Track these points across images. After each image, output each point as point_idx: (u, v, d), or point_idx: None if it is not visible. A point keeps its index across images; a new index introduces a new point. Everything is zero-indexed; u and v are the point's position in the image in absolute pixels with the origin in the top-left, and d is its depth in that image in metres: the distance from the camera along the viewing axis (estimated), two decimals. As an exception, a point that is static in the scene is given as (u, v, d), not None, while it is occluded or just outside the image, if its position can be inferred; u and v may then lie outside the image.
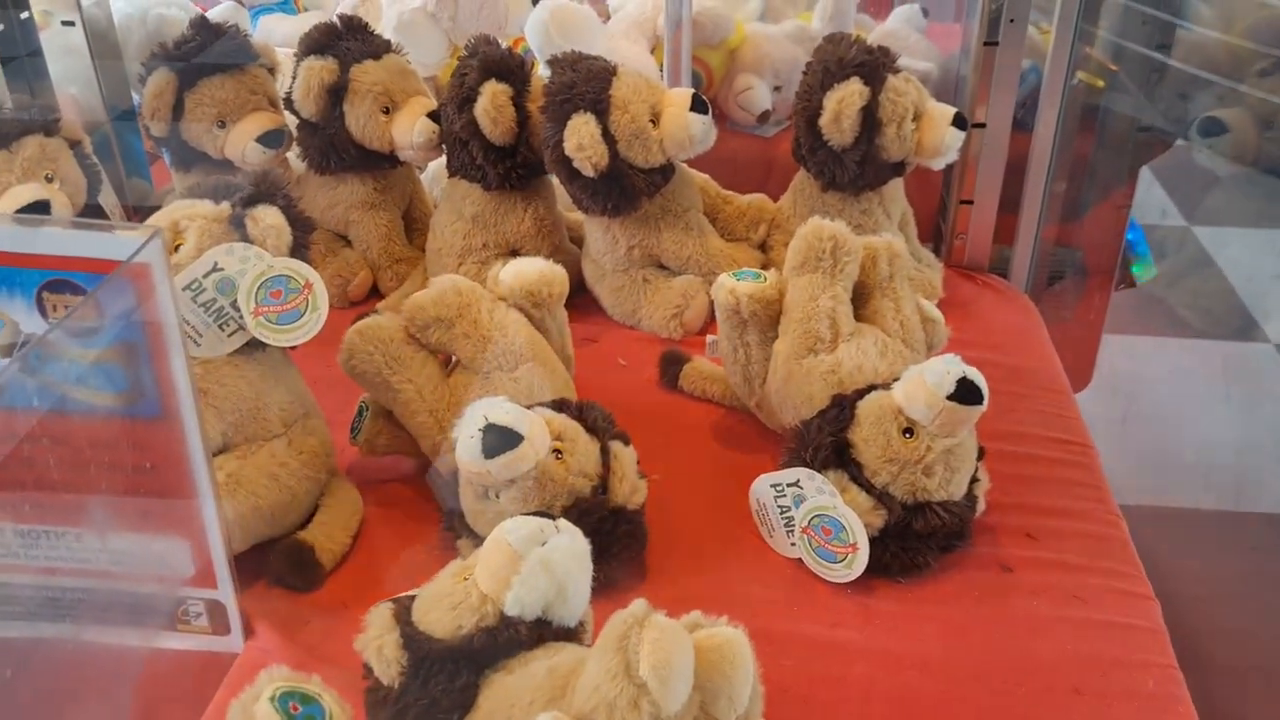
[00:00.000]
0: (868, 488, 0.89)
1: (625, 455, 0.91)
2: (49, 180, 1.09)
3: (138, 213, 1.45)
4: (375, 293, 1.34)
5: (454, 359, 0.99)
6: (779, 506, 0.92)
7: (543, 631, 0.70)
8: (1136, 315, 2.39)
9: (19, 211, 1.04)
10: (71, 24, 1.32)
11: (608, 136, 1.13)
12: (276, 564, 0.89)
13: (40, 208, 1.05)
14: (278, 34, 1.80)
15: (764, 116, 1.70)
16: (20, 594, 0.82)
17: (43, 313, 0.74)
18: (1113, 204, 1.60)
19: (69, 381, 0.74)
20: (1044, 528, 0.96)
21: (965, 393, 0.87)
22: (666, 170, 1.20)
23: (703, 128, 1.16)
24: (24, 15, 1.33)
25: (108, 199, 1.20)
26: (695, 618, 0.64)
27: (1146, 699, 0.79)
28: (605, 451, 0.90)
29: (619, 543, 0.88)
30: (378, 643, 0.70)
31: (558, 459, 0.86)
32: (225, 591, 0.83)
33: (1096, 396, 1.67)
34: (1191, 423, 2.13)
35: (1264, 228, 2.87)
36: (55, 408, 0.74)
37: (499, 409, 0.84)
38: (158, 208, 1.44)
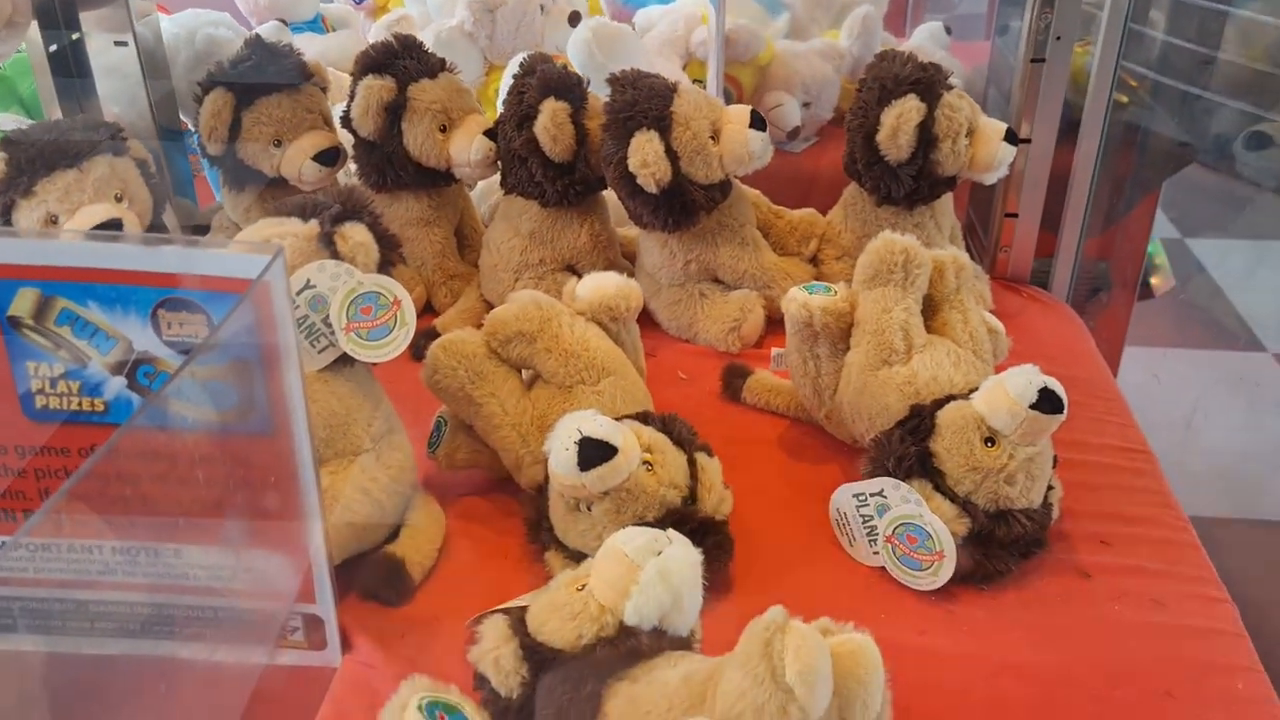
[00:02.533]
0: (951, 496, 0.91)
1: (711, 466, 0.92)
2: (118, 200, 1.10)
3: (186, 231, 1.45)
4: (429, 309, 1.34)
5: (534, 374, 1.00)
6: (861, 516, 0.94)
7: (659, 642, 0.71)
8: (1144, 328, 2.43)
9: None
10: (125, 44, 1.32)
11: (670, 153, 1.15)
12: (368, 578, 0.90)
13: (113, 227, 1.06)
14: (308, 53, 1.81)
15: (794, 133, 1.72)
16: (119, 611, 0.82)
17: (156, 329, 0.74)
18: (1140, 215, 1.63)
19: (180, 398, 0.74)
20: (1117, 534, 0.98)
21: (1047, 402, 0.88)
22: (725, 186, 1.21)
23: (762, 144, 1.17)
24: (75, 36, 1.33)
25: (170, 218, 1.21)
26: (825, 624, 0.65)
27: (1241, 703, 0.81)
28: (692, 463, 0.91)
29: (709, 553, 0.89)
30: (495, 654, 0.70)
31: (649, 470, 0.88)
32: (325, 606, 0.83)
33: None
34: (1197, 431, 2.16)
35: (1255, 239, 2.92)
36: (161, 424, 0.75)
37: (592, 422, 0.85)
38: (206, 227, 1.45)
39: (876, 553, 0.93)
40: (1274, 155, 1.30)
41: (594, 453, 0.84)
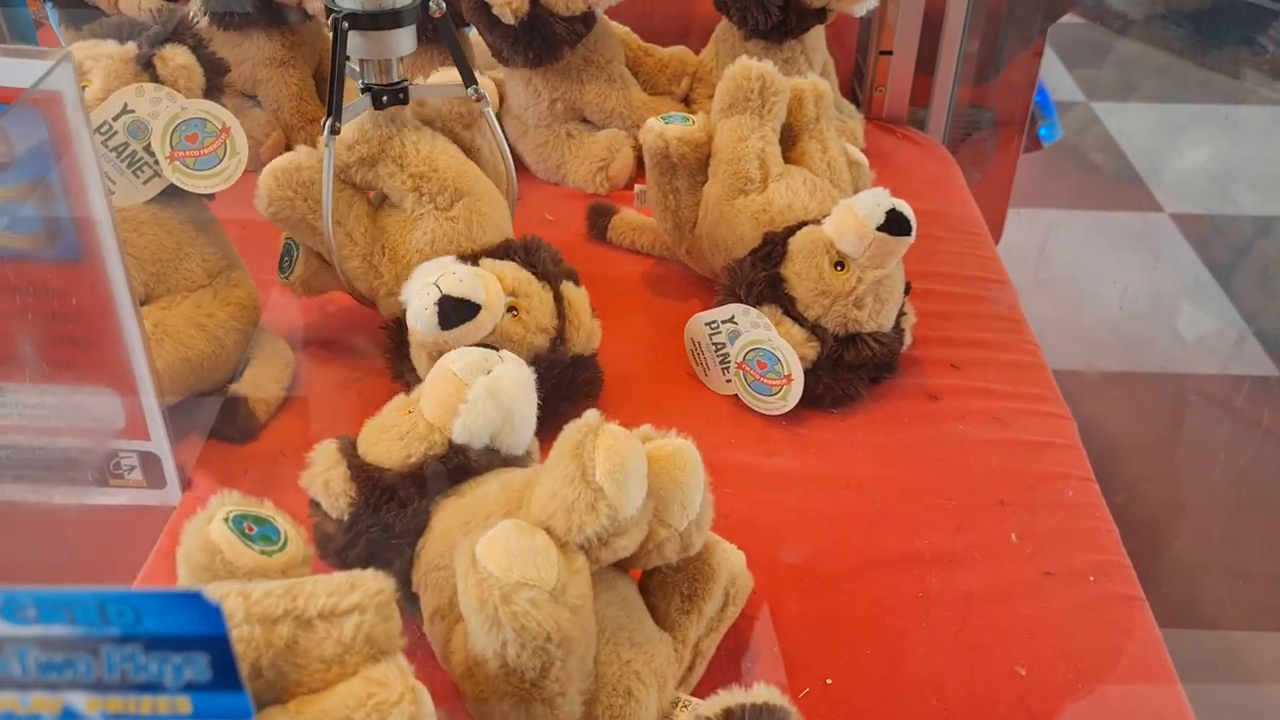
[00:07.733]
0: (800, 321, 0.91)
1: (578, 298, 0.90)
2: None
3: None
4: (289, 155, 1.29)
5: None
6: (714, 344, 0.93)
7: (491, 459, 0.70)
8: (1040, 190, 2.46)
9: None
10: None
11: (527, -18, 1.10)
12: (210, 416, 0.88)
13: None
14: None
15: (679, -24, 1.66)
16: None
17: (-56, 149, 0.70)
18: (1024, 63, 1.62)
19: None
20: (967, 359, 0.99)
21: (894, 224, 0.88)
22: (588, 19, 1.17)
23: (624, -28, 1.13)
24: None
25: None
26: (646, 430, 0.65)
27: (1068, 507, 0.84)
28: (558, 299, 0.89)
29: (580, 390, 0.89)
30: (324, 477, 0.69)
31: (514, 316, 0.85)
32: (159, 442, 0.81)
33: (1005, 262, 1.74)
34: (1091, 290, 2.21)
35: (1158, 103, 2.95)
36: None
37: (450, 277, 0.81)
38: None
39: (729, 380, 0.93)
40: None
41: (455, 311, 0.80)
